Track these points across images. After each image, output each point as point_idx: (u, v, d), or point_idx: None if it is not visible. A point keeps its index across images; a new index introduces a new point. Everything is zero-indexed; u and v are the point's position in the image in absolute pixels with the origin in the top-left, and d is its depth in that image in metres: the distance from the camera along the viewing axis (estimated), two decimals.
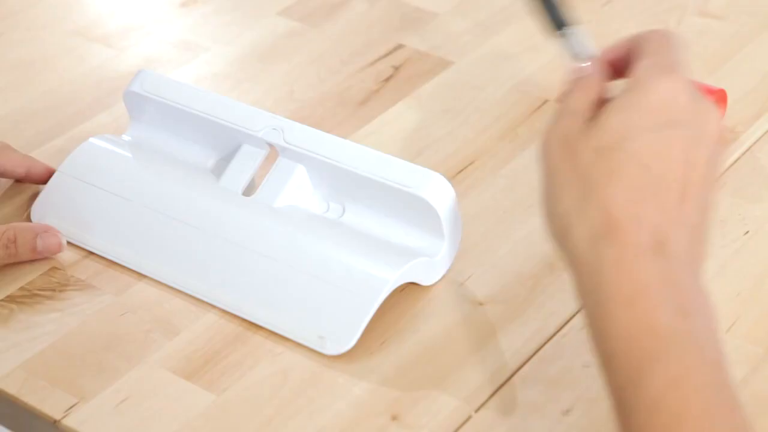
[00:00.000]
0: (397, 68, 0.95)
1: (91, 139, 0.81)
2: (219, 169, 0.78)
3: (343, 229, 0.74)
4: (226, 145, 0.78)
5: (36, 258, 0.75)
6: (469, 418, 0.65)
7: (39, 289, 0.74)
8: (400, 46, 0.98)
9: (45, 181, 0.79)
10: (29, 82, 0.95)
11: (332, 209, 0.75)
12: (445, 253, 0.73)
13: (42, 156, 0.83)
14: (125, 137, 0.82)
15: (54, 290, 0.74)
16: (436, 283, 0.73)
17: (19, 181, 0.82)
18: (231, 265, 0.73)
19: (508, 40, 0.99)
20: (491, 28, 1.00)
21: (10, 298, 0.73)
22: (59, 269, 0.75)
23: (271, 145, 0.76)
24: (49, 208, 0.78)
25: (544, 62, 0.96)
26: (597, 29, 1.00)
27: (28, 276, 0.75)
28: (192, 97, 0.80)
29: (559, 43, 0.69)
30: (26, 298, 0.73)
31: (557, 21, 0.69)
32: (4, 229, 0.74)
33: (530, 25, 1.00)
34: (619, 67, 0.64)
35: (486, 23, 1.01)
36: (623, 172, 0.57)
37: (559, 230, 0.59)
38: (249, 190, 0.77)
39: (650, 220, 0.56)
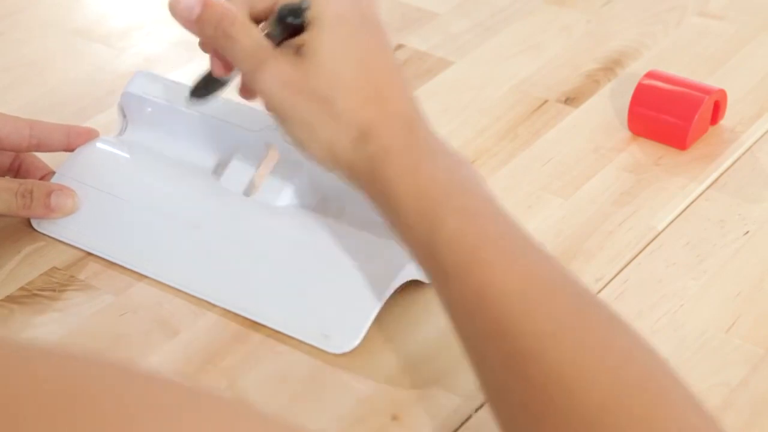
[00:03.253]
0: None
1: (91, 142, 0.81)
2: (219, 170, 0.78)
3: (344, 227, 0.74)
4: (226, 145, 0.78)
5: (48, 215, 0.76)
6: (469, 418, 0.65)
7: (39, 289, 0.74)
8: (400, 46, 0.98)
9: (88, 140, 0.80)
10: (29, 82, 0.95)
11: (333, 208, 0.75)
12: None
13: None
14: (124, 139, 0.82)
15: (54, 290, 0.74)
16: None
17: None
18: (233, 265, 0.73)
19: (508, 40, 0.99)
20: (491, 28, 1.00)
21: (10, 298, 0.73)
22: (59, 269, 0.75)
23: (271, 145, 0.76)
24: None
25: (544, 62, 0.96)
26: (597, 29, 1.00)
27: (28, 276, 0.75)
28: None
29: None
30: (26, 298, 0.73)
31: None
32: (23, 181, 0.76)
33: (530, 25, 1.01)
34: None
35: (486, 23, 1.01)
36: (353, 89, 0.64)
37: (326, 157, 0.65)
38: (249, 190, 0.77)
39: (391, 116, 0.63)
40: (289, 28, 0.66)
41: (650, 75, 0.87)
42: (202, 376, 0.68)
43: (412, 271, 0.71)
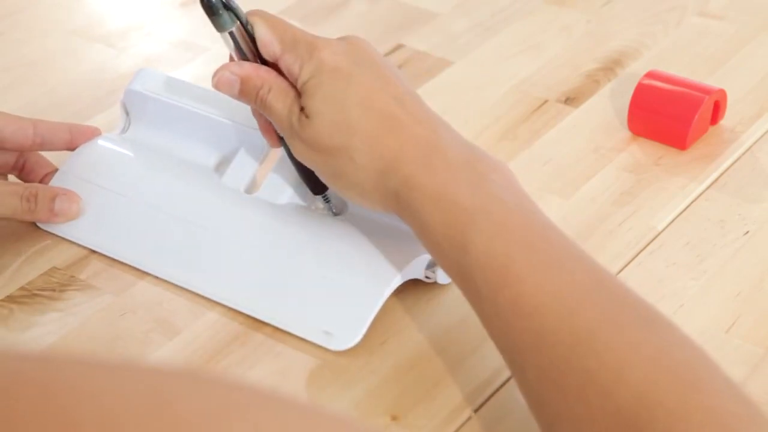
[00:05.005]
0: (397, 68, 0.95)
1: (93, 140, 0.81)
2: (221, 167, 0.78)
3: (346, 225, 0.74)
4: (228, 143, 0.78)
5: (52, 219, 0.76)
6: (469, 418, 0.65)
7: (39, 289, 0.74)
8: (400, 46, 0.98)
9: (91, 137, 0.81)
10: (29, 82, 0.95)
11: (334, 207, 0.75)
12: None
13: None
14: (126, 136, 0.82)
15: (54, 290, 0.74)
16: (435, 283, 0.73)
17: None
18: (234, 262, 0.73)
19: (508, 40, 0.99)
20: (491, 28, 1.00)
21: (10, 298, 0.73)
22: (59, 269, 0.75)
23: None
24: None
25: (544, 62, 0.96)
26: (597, 29, 1.00)
27: (28, 276, 0.75)
28: (192, 96, 0.80)
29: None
30: (26, 298, 0.73)
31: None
32: (28, 185, 0.77)
33: (530, 25, 1.01)
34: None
35: (486, 23, 1.01)
36: (361, 131, 0.65)
37: (363, 197, 0.67)
38: (251, 188, 0.77)
39: (408, 143, 0.65)
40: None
41: (650, 75, 0.87)
42: None
43: (413, 270, 0.71)
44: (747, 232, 0.78)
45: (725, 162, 0.84)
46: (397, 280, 0.70)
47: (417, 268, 0.71)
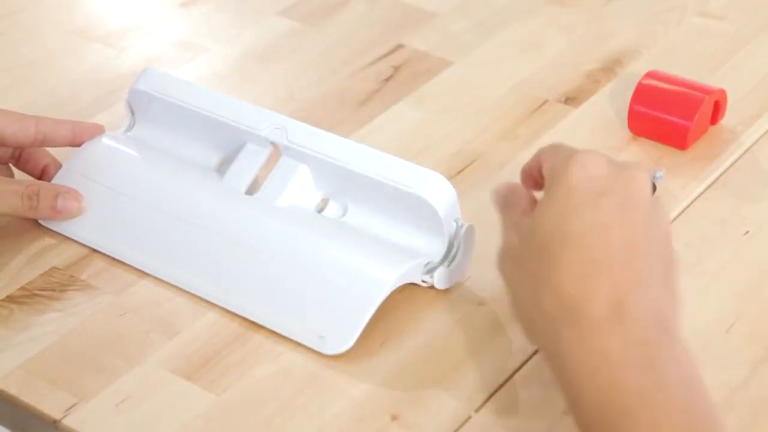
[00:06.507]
0: (397, 68, 0.95)
1: (98, 138, 0.81)
2: (222, 168, 0.78)
3: (344, 228, 0.74)
4: (230, 144, 0.78)
5: (54, 217, 0.76)
6: (469, 418, 0.65)
7: (39, 289, 0.74)
8: (400, 46, 0.98)
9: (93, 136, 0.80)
10: (29, 82, 0.95)
11: (334, 209, 0.75)
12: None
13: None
14: (130, 135, 0.82)
15: (54, 290, 0.74)
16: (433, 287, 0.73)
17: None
18: (233, 263, 0.73)
19: (508, 40, 0.99)
20: (491, 28, 1.00)
21: (10, 298, 0.73)
22: (59, 269, 0.75)
23: (274, 144, 0.77)
24: None
25: (544, 62, 0.96)
26: (597, 29, 1.00)
27: (28, 276, 0.75)
28: (197, 96, 0.80)
29: None
30: (26, 298, 0.73)
31: None
32: (30, 183, 0.77)
33: (530, 25, 1.01)
34: (537, 181, 0.69)
35: (486, 23, 1.01)
36: (564, 257, 0.60)
37: (530, 332, 0.63)
38: (252, 189, 0.77)
39: (600, 292, 0.58)
40: None
41: (650, 75, 0.87)
42: (201, 376, 0.68)
43: (410, 274, 0.71)
44: (747, 232, 0.78)
45: (725, 162, 0.84)
46: (390, 286, 0.69)
47: (413, 273, 0.71)
